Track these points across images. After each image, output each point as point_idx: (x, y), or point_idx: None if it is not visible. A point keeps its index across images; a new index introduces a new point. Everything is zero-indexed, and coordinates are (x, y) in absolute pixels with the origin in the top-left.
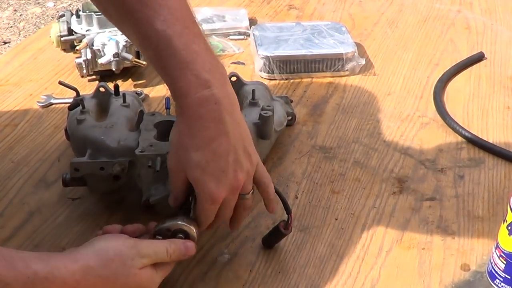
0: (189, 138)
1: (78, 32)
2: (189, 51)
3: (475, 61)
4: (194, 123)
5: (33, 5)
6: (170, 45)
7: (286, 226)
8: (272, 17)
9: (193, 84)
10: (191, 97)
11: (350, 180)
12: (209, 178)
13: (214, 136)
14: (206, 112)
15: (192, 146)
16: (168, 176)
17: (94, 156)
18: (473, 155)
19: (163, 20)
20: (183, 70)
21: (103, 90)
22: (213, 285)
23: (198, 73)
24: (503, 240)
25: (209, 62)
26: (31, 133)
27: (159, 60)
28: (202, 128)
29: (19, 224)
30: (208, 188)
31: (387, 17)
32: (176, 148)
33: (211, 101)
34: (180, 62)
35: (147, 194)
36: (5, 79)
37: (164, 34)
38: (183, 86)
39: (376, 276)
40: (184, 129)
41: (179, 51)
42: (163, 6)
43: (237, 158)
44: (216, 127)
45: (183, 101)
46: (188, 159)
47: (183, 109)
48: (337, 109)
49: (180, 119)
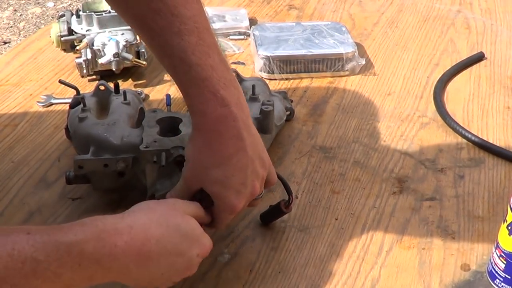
0: (208, 155)
1: (78, 32)
2: (205, 66)
3: (475, 61)
4: (213, 141)
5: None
6: (185, 60)
7: (286, 206)
8: (272, 17)
9: (211, 102)
10: (209, 115)
11: (350, 180)
12: (229, 192)
13: (233, 152)
14: (225, 129)
15: (212, 163)
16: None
17: (98, 153)
18: (473, 155)
19: (176, 31)
20: (199, 87)
21: (103, 88)
22: (213, 285)
23: (215, 91)
24: (503, 240)
25: (224, 77)
26: (31, 133)
27: (175, 72)
28: (221, 146)
29: (19, 224)
30: (229, 200)
31: (387, 17)
32: (193, 163)
33: (230, 119)
34: (196, 78)
35: (153, 189)
36: (5, 79)
37: (178, 48)
38: (200, 104)
39: (376, 276)
40: (203, 146)
41: (194, 67)
42: (175, 15)
43: (254, 169)
44: (235, 143)
45: (201, 118)
46: (208, 175)
47: (201, 126)
48: (337, 109)
49: (197, 135)
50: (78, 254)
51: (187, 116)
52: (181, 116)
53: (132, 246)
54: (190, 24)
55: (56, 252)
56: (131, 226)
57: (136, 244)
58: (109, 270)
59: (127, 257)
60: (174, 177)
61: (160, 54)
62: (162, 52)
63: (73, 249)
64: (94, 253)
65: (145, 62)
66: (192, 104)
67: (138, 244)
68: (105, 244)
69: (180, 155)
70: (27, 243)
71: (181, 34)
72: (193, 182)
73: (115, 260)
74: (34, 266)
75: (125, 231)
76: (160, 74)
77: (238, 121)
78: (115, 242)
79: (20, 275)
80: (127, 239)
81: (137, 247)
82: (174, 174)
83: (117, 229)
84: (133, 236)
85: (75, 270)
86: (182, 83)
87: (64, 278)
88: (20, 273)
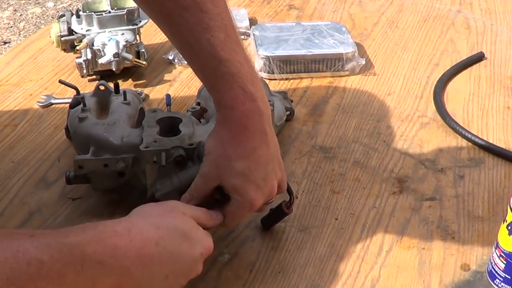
0: (233, 148)
1: (78, 32)
2: (234, 62)
3: (475, 61)
4: (239, 134)
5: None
6: (215, 55)
7: (288, 206)
8: (272, 17)
9: (240, 96)
10: (238, 109)
11: (350, 180)
12: (250, 186)
13: (257, 146)
14: (251, 123)
15: (235, 155)
16: (172, 171)
17: (98, 153)
18: (473, 155)
19: (205, 27)
20: (229, 82)
21: (103, 88)
22: (213, 285)
23: (243, 85)
24: (503, 240)
25: (250, 74)
26: (31, 133)
27: (203, 68)
28: (246, 139)
29: (19, 224)
30: (249, 195)
31: (387, 17)
32: (214, 156)
33: (256, 113)
34: (226, 73)
35: (153, 189)
36: (5, 79)
37: (207, 44)
38: (229, 98)
39: (376, 276)
40: (227, 139)
41: (223, 62)
42: (204, 11)
43: (273, 167)
44: (260, 137)
45: (229, 111)
46: (230, 168)
47: (227, 119)
48: (337, 109)
49: (222, 128)
50: (80, 255)
51: (187, 116)
52: (181, 116)
53: (132, 248)
54: (218, 21)
55: (59, 253)
56: (129, 229)
57: (136, 246)
58: (112, 272)
59: (128, 259)
60: (174, 177)
61: (187, 51)
62: (190, 48)
63: (75, 250)
64: (95, 254)
65: (145, 62)
66: (220, 98)
67: (138, 246)
68: (106, 245)
69: (180, 155)
70: (31, 245)
71: (210, 30)
72: (212, 177)
73: (116, 262)
74: (39, 267)
75: (124, 233)
76: (160, 74)
77: (263, 116)
78: (115, 243)
79: (26, 277)
80: (126, 241)
81: (137, 249)
82: (174, 174)
83: (116, 231)
84: (132, 238)
85: (78, 271)
86: (210, 78)
87: (68, 279)
88: (26, 274)
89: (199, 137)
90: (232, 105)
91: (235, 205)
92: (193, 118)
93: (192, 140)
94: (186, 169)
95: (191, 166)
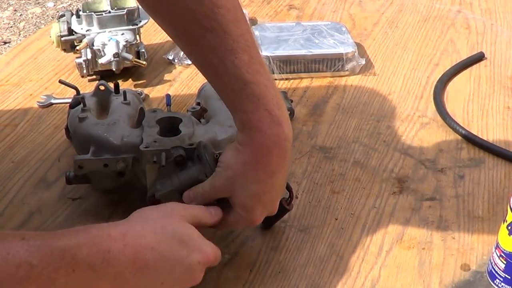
0: (253, 170)
1: (78, 32)
2: (259, 85)
3: (475, 61)
4: (262, 157)
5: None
6: (240, 77)
7: (288, 203)
8: (272, 17)
9: (267, 120)
10: (265, 133)
11: (350, 180)
12: (258, 206)
13: (276, 170)
14: (275, 148)
15: (254, 178)
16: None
17: (98, 153)
18: (473, 155)
19: (229, 49)
20: (255, 104)
21: (103, 88)
22: (213, 285)
23: (270, 109)
24: (503, 240)
25: (275, 96)
26: (31, 133)
27: (227, 89)
28: (268, 163)
29: (19, 224)
30: (254, 214)
31: (387, 17)
32: (232, 174)
33: (282, 138)
34: (251, 95)
35: (153, 189)
36: (5, 79)
37: (232, 66)
38: (256, 120)
39: (376, 276)
40: (250, 161)
41: (249, 84)
42: (227, 33)
43: (283, 190)
44: (280, 162)
45: (255, 134)
46: (245, 188)
47: (253, 141)
48: (337, 109)
49: (245, 149)
50: (71, 259)
51: (187, 116)
52: (181, 116)
53: (126, 253)
54: (242, 42)
55: (50, 257)
56: (124, 234)
57: (130, 251)
58: (104, 276)
59: (122, 264)
60: (174, 177)
61: (210, 72)
62: (213, 69)
63: (66, 253)
64: (87, 258)
65: (145, 62)
66: (246, 120)
67: (132, 252)
68: (99, 249)
69: (180, 155)
70: (21, 248)
71: (235, 52)
72: (224, 191)
73: (109, 266)
74: (29, 271)
75: (119, 238)
76: (160, 74)
77: (287, 141)
78: (108, 247)
79: (15, 280)
80: (120, 246)
81: (131, 254)
82: (174, 174)
83: (111, 236)
84: (126, 243)
85: (70, 275)
86: (235, 99)
87: (59, 284)
88: (15, 277)
89: (199, 137)
90: (258, 127)
91: (237, 218)
92: (193, 118)
93: (192, 140)
94: (186, 169)
95: (191, 166)
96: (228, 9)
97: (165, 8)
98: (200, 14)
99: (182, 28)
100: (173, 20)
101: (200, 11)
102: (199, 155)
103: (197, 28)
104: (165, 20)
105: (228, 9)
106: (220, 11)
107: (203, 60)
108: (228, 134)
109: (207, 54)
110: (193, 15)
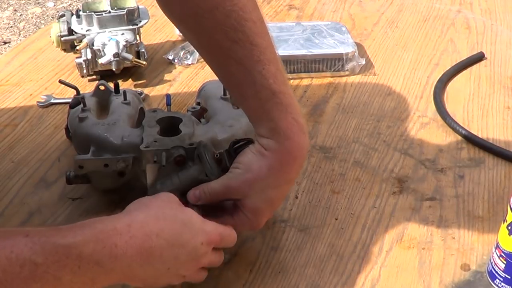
0: (276, 177)
1: (78, 32)
2: (286, 95)
3: (475, 61)
4: (287, 164)
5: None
6: (268, 87)
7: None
8: (272, 17)
9: (295, 128)
10: (293, 140)
11: (350, 180)
12: (267, 211)
13: (293, 177)
14: (299, 155)
15: (274, 183)
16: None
17: (98, 153)
18: (473, 155)
19: (257, 60)
20: (283, 113)
21: (103, 88)
22: (213, 285)
23: (296, 117)
24: (503, 240)
25: (298, 106)
26: (31, 133)
27: (254, 99)
28: (290, 170)
29: (19, 224)
30: (262, 219)
31: (387, 17)
32: (253, 177)
33: (305, 146)
34: (280, 104)
35: (153, 189)
36: (5, 79)
37: (259, 76)
38: (285, 127)
39: (376, 276)
40: (275, 167)
41: (277, 94)
42: (254, 45)
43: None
44: (298, 170)
45: (285, 141)
46: (263, 193)
47: (282, 147)
48: (337, 109)
49: (273, 155)
50: (77, 257)
51: (187, 116)
52: (181, 116)
53: (133, 244)
54: (268, 54)
55: (54, 255)
56: (129, 225)
57: (137, 242)
58: (112, 271)
59: (129, 257)
60: (175, 177)
61: (235, 82)
62: (239, 80)
63: (71, 251)
64: (93, 255)
65: (145, 62)
66: (275, 127)
67: (139, 242)
68: (105, 245)
69: (180, 155)
70: (25, 246)
71: (262, 64)
72: (238, 193)
73: (116, 261)
74: (33, 269)
75: (124, 230)
76: (160, 74)
77: (307, 150)
78: (115, 242)
79: (19, 279)
80: (126, 238)
81: (138, 245)
82: (174, 174)
83: (116, 229)
84: (132, 234)
85: (75, 272)
86: (261, 108)
87: (64, 281)
88: (19, 277)
89: (199, 137)
90: (288, 135)
91: (242, 221)
92: (193, 118)
93: (192, 140)
94: (186, 169)
95: (191, 166)
96: (254, 21)
97: (193, 20)
98: (227, 26)
99: (209, 39)
100: (201, 31)
101: (228, 23)
102: (199, 155)
103: (224, 40)
104: (192, 31)
105: (254, 22)
106: (247, 24)
107: (229, 71)
108: (228, 134)
109: (234, 65)
110: (220, 27)
